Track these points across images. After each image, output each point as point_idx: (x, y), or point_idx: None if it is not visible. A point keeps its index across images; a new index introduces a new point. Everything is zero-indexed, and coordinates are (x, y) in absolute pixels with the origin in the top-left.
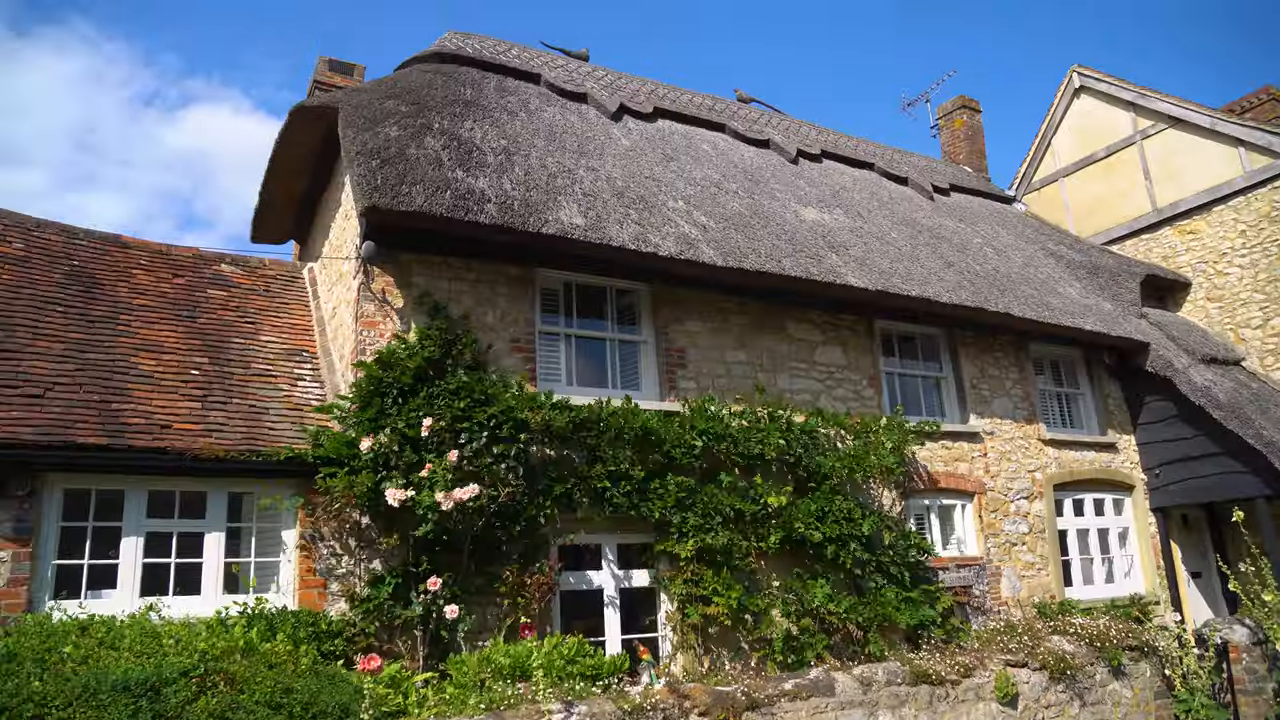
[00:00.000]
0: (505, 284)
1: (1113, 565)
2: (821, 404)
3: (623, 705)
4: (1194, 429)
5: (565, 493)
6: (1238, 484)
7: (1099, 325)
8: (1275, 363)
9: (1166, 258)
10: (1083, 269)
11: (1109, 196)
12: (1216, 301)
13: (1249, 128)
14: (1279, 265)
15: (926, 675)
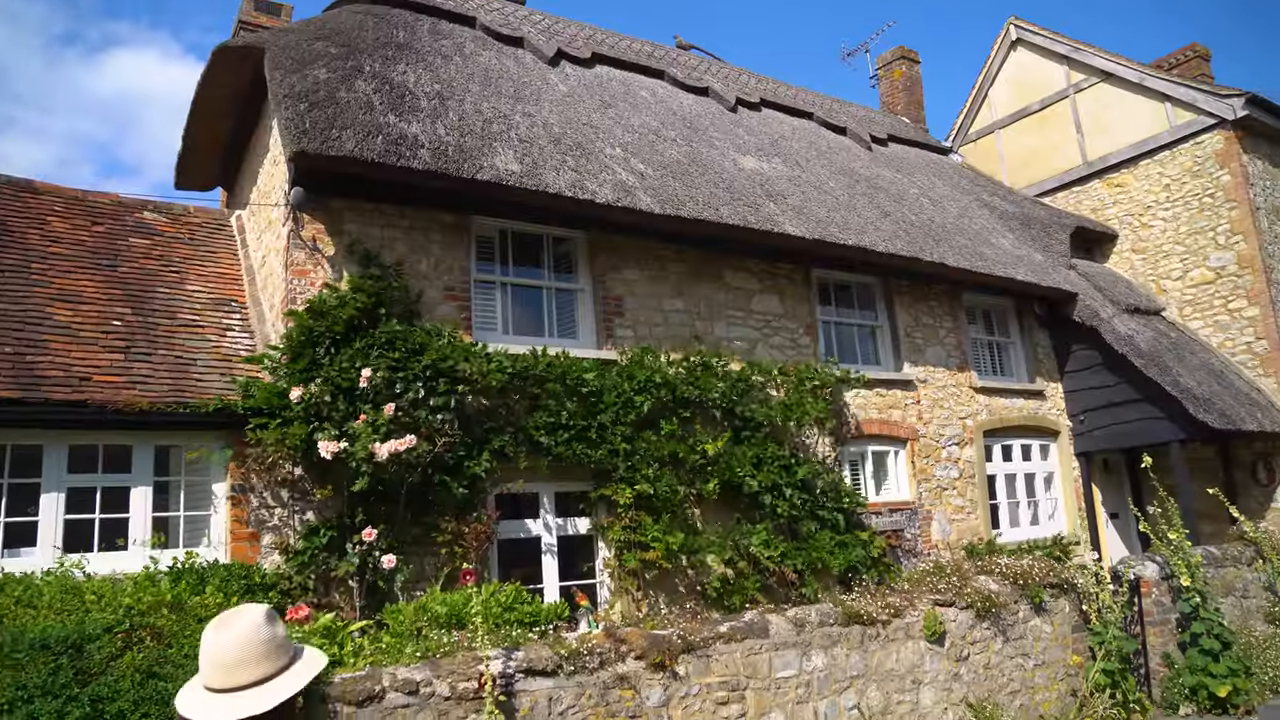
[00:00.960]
0: (439, 231)
1: (1038, 508)
2: (758, 352)
3: (560, 651)
4: (1117, 377)
5: (503, 443)
6: (1156, 429)
7: (1030, 276)
8: (1193, 313)
9: (1095, 210)
10: (1016, 220)
11: (1042, 149)
12: (1141, 253)
13: (1175, 84)
14: (1199, 219)
15: (858, 616)
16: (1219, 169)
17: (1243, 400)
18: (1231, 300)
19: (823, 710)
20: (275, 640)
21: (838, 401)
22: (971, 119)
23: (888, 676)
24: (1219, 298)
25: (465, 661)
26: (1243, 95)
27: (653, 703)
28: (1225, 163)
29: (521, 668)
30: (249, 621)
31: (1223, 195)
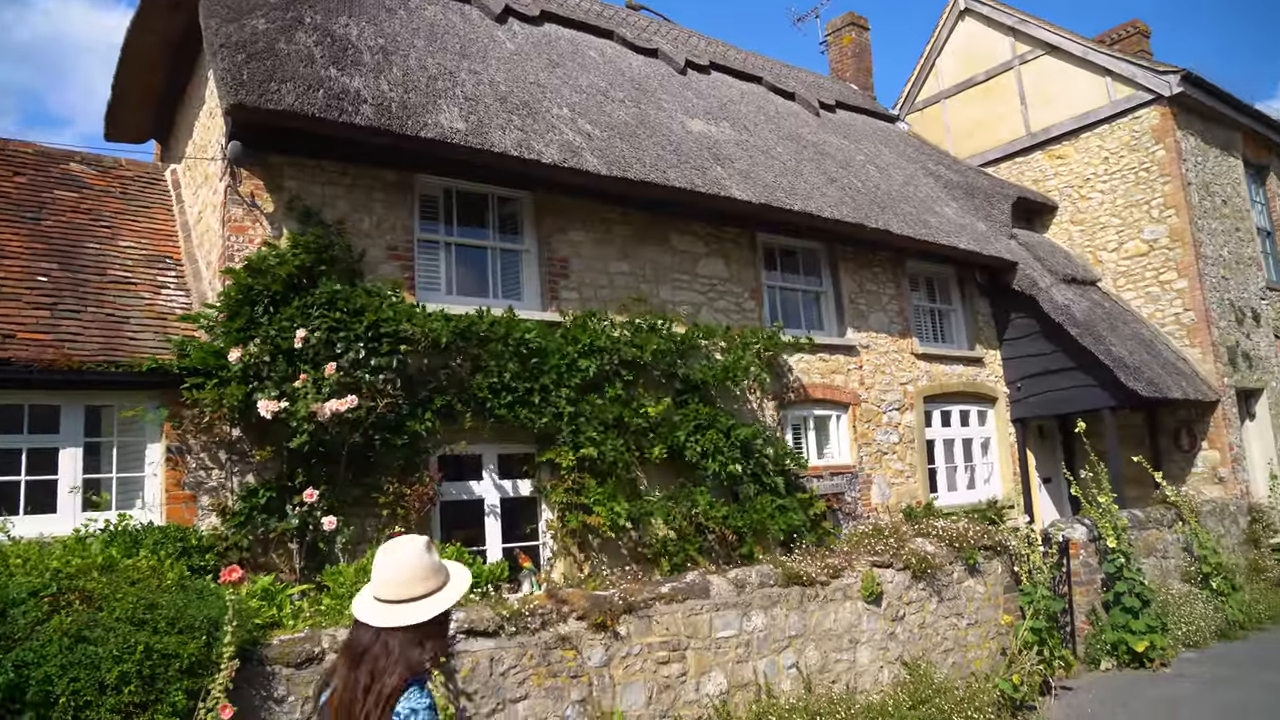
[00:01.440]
0: (382, 189)
1: (974, 473)
2: (703, 316)
3: (501, 611)
4: (1053, 345)
5: (446, 404)
6: (1088, 397)
7: (972, 244)
8: (1127, 284)
9: (1037, 181)
10: (959, 189)
11: (987, 119)
12: (1079, 224)
13: (1116, 58)
14: (1135, 192)
15: (798, 577)
16: (1155, 144)
17: (1170, 369)
18: (1163, 272)
19: (762, 669)
20: (433, 564)
21: (781, 366)
22: (919, 88)
23: (826, 636)
24: (1151, 270)
25: None
26: (1179, 72)
27: (594, 663)
28: (1161, 138)
29: (463, 628)
30: (414, 547)
31: (1157, 170)
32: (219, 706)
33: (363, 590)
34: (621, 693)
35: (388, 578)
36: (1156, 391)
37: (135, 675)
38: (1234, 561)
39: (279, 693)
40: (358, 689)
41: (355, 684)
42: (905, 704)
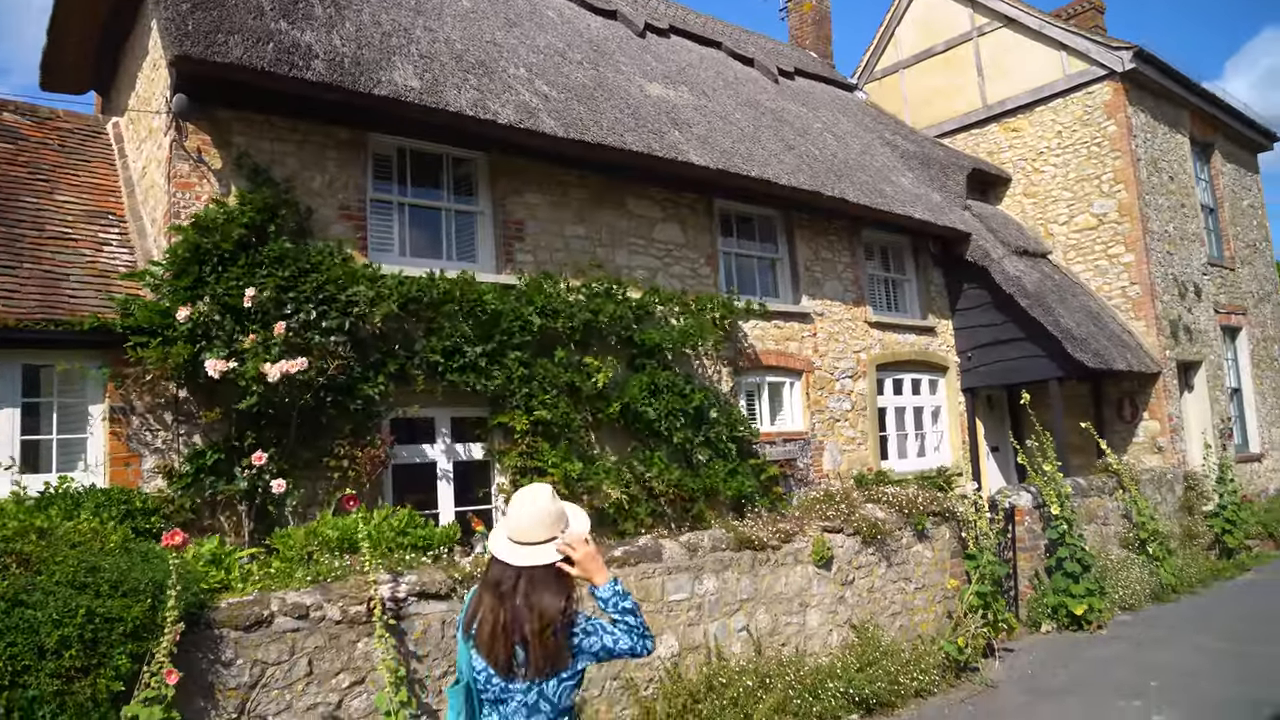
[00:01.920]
0: (334, 147)
1: (925, 440)
2: (659, 281)
3: (453, 574)
4: (1004, 316)
5: (398, 366)
6: (1037, 367)
7: (927, 215)
8: (1076, 257)
9: (992, 153)
10: (915, 159)
11: (945, 90)
12: (1032, 197)
13: (1071, 33)
14: (1086, 166)
15: (749, 541)
16: (1106, 119)
17: (1115, 341)
18: (1111, 246)
19: (713, 632)
20: (558, 510)
21: (736, 332)
22: (878, 57)
23: (776, 599)
24: (1100, 243)
25: (357, 585)
26: (1131, 49)
27: None
28: (1112, 113)
29: (414, 591)
30: (545, 497)
31: (1108, 145)
32: (164, 671)
33: (496, 532)
34: None
35: (525, 524)
36: (1102, 363)
37: (76, 639)
38: (1169, 528)
39: (226, 656)
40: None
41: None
42: (853, 666)
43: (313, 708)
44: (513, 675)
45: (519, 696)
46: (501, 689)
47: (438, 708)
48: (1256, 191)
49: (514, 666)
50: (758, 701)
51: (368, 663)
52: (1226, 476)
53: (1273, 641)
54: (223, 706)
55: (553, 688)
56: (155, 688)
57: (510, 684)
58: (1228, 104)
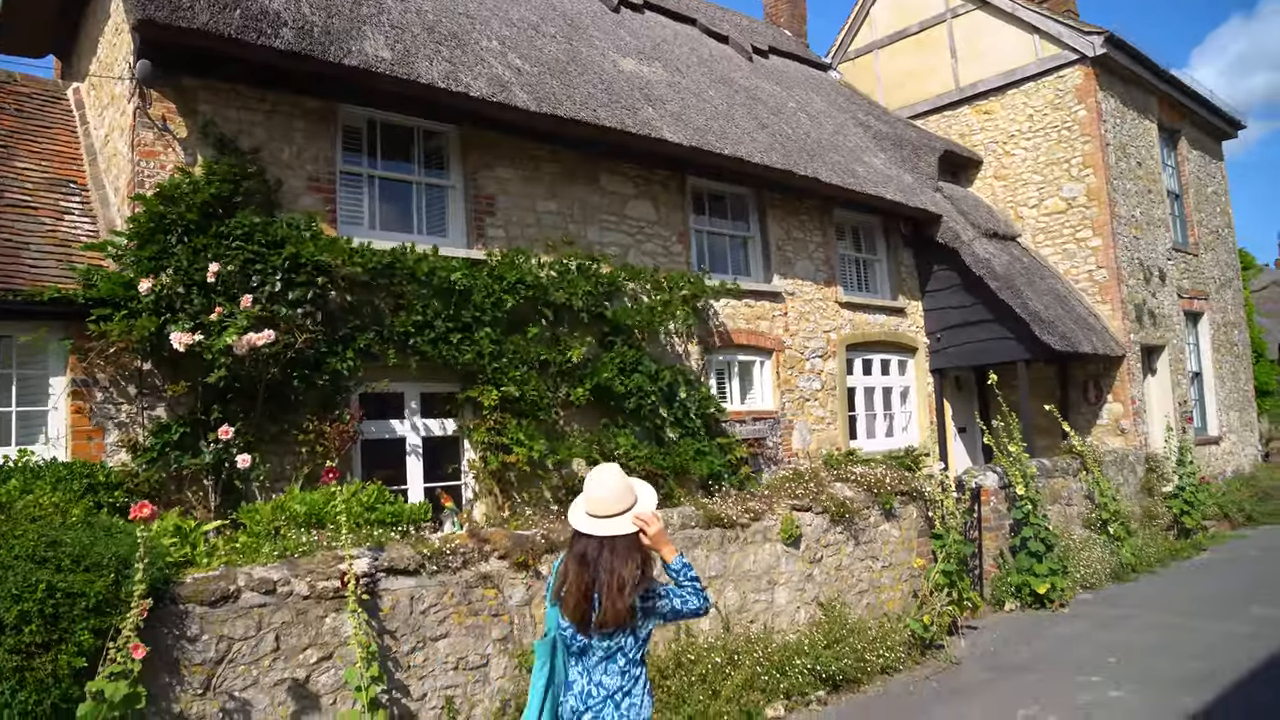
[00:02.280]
0: (303, 118)
1: (893, 421)
2: (630, 258)
3: (422, 550)
4: (973, 298)
5: (367, 341)
6: (1004, 349)
7: (899, 195)
8: (1045, 240)
9: (963, 135)
10: (888, 140)
11: (918, 71)
12: (1002, 180)
13: (1044, 17)
14: (1057, 150)
15: (719, 519)
16: (1077, 104)
17: (1081, 324)
18: (1079, 230)
19: None
20: (628, 485)
21: (707, 310)
22: (852, 37)
23: (745, 577)
24: (1068, 227)
25: (325, 561)
26: (1103, 34)
27: (515, 601)
28: (1083, 98)
29: (384, 567)
30: (615, 473)
31: (1078, 129)
32: (130, 645)
33: (575, 506)
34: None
35: (600, 497)
36: (1069, 345)
37: (37, 614)
38: (1130, 508)
39: (192, 631)
40: (601, 582)
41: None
42: (820, 643)
43: (280, 683)
44: (594, 632)
45: (599, 650)
46: (584, 644)
47: (407, 683)
48: (1220, 178)
49: (592, 620)
50: (726, 678)
51: (335, 638)
52: (1186, 459)
53: (1224, 618)
54: (188, 682)
55: (630, 644)
56: (121, 663)
57: (592, 640)
58: (1195, 91)
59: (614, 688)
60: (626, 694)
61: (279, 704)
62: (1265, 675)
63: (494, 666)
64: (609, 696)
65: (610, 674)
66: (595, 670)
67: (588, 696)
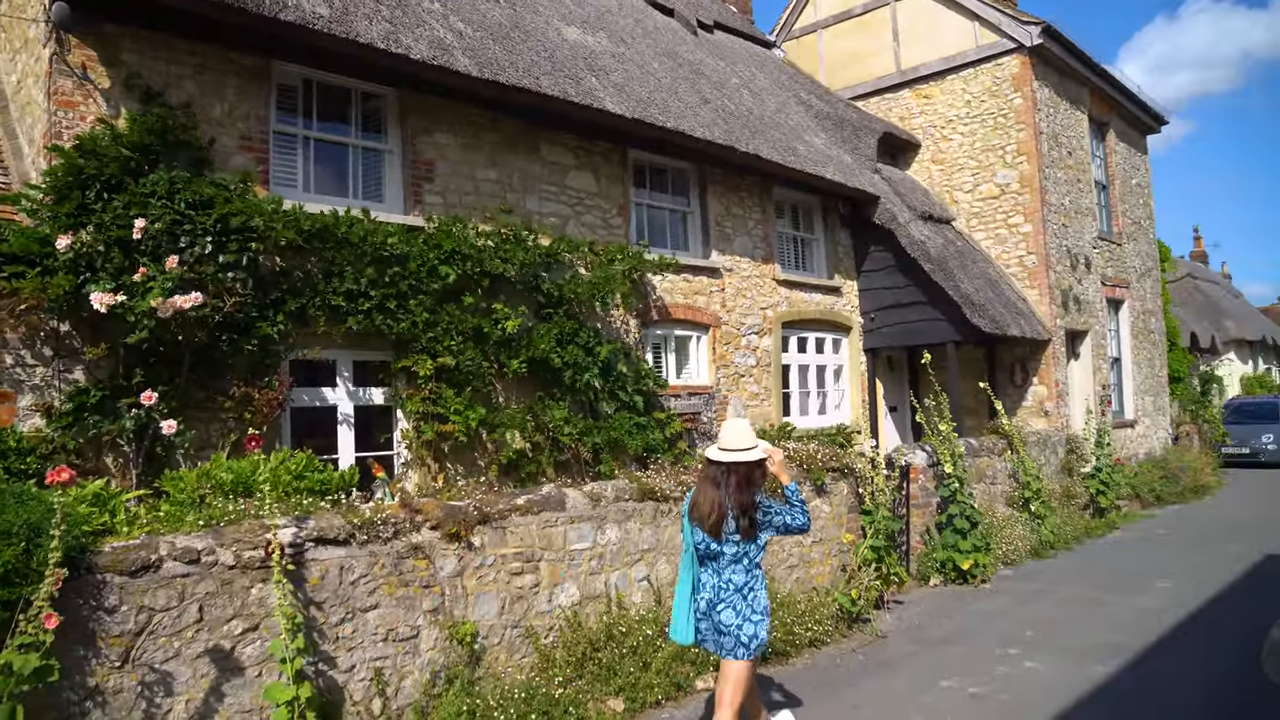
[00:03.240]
0: (236, 74)
1: (826, 398)
2: (570, 229)
3: (352, 520)
4: (908, 279)
5: (299, 306)
6: (936, 330)
7: (838, 175)
8: (979, 224)
9: (903, 118)
10: (829, 120)
11: (861, 53)
12: (939, 164)
13: (985, 4)
14: (992, 137)
15: (652, 492)
16: (1013, 92)
17: (1011, 308)
18: (1011, 216)
19: (614, 581)
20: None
21: (645, 284)
22: (797, 15)
23: (678, 550)
24: (1001, 212)
25: (252, 529)
26: (1040, 24)
27: (447, 573)
28: (1019, 87)
29: (312, 536)
30: (745, 423)
31: (1014, 117)
32: (42, 615)
33: (710, 448)
34: (474, 603)
35: (732, 438)
36: (998, 329)
37: None
38: (1051, 488)
39: (110, 602)
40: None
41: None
42: None
43: (203, 655)
44: (723, 540)
45: (728, 555)
46: (716, 550)
47: (335, 654)
48: (1144, 171)
49: (724, 534)
50: (657, 650)
51: (262, 609)
52: (1104, 441)
53: (1133, 593)
54: (105, 655)
55: (752, 549)
56: (32, 634)
57: (721, 547)
58: (1124, 85)
59: (740, 584)
60: (750, 589)
61: (202, 676)
62: (1168, 645)
63: (425, 638)
64: (738, 590)
65: (737, 573)
66: (724, 571)
67: (720, 590)
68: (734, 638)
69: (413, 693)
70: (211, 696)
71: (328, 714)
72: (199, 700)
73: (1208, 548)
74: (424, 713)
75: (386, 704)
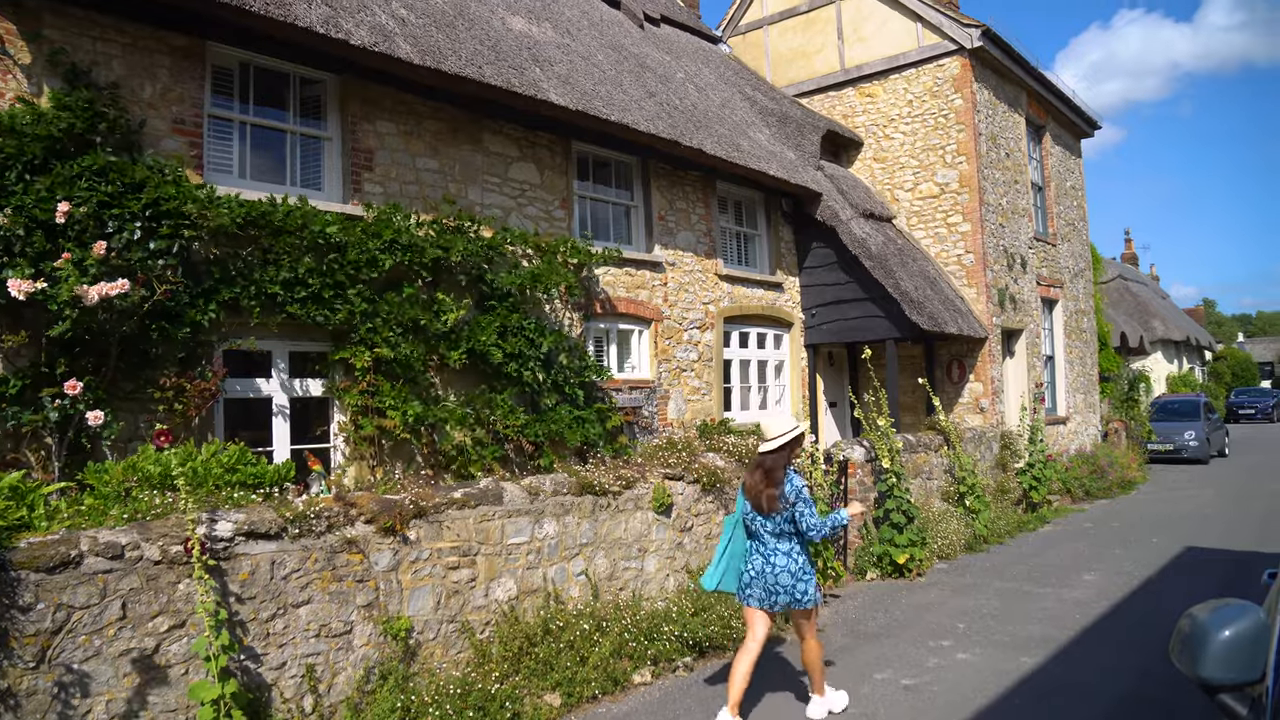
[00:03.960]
0: (168, 55)
1: (767, 393)
2: (512, 221)
3: (285, 513)
4: (849, 276)
5: (233, 295)
6: (877, 327)
7: (781, 172)
8: (918, 223)
9: (846, 116)
10: (774, 117)
11: (806, 50)
12: (881, 162)
13: (927, 6)
14: (933, 136)
15: (591, 486)
16: (954, 93)
17: (949, 306)
18: (950, 215)
19: (552, 575)
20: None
21: (588, 277)
22: (743, 11)
23: (616, 544)
24: (940, 211)
25: (179, 524)
26: (981, 27)
27: (382, 567)
28: (960, 88)
29: (242, 530)
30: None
31: (954, 118)
32: None
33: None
34: (410, 598)
35: (770, 427)
36: (936, 326)
37: None
38: (986, 483)
39: (25, 600)
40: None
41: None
42: (688, 610)
43: (126, 653)
44: (762, 511)
45: (770, 525)
46: (761, 521)
47: (265, 651)
48: (1078, 174)
49: (762, 507)
50: (594, 645)
51: (190, 605)
52: (1037, 437)
53: (1061, 585)
54: (19, 655)
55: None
56: None
57: (765, 518)
58: (1060, 90)
59: (784, 550)
60: (788, 555)
61: (123, 675)
62: (1093, 636)
63: (358, 634)
64: (785, 554)
65: (780, 540)
66: (767, 538)
67: (768, 554)
68: (789, 594)
69: (346, 689)
70: (134, 696)
71: (257, 712)
72: (121, 700)
73: (1132, 541)
74: (358, 709)
75: (319, 701)
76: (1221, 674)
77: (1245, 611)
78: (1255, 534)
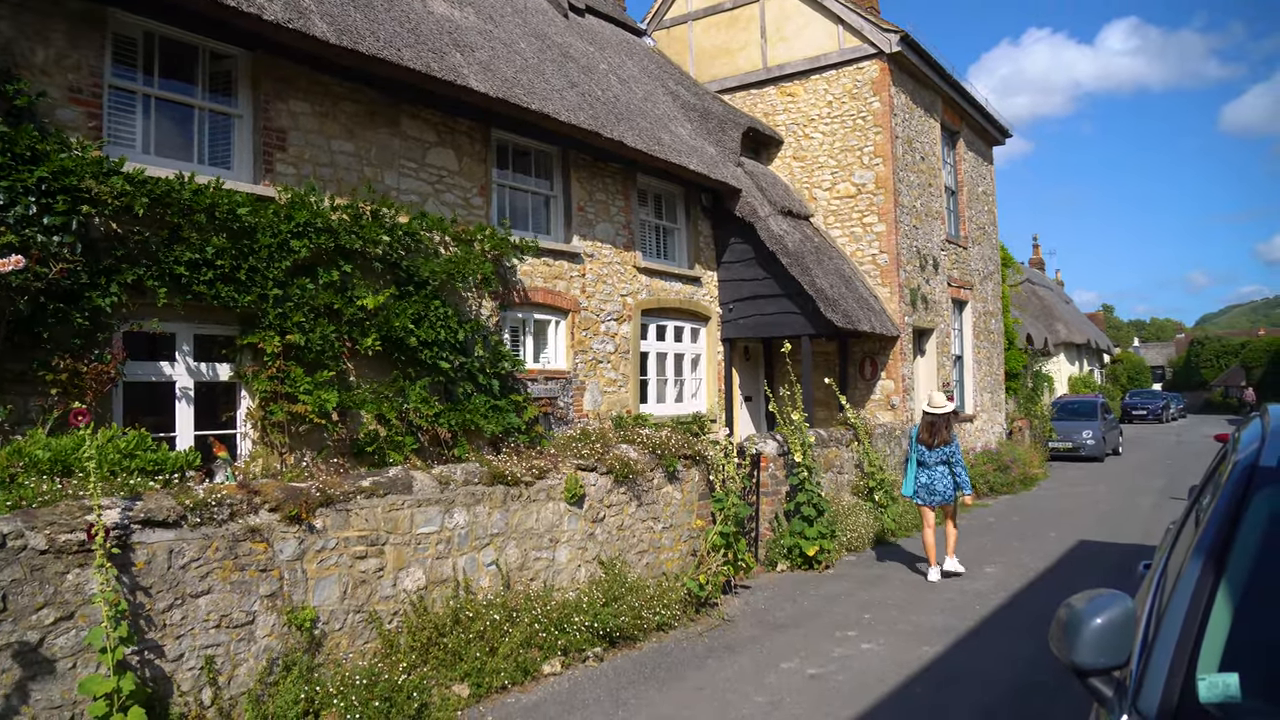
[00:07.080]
0: (64, 19)
1: (684, 387)
2: (429, 207)
3: (185, 501)
4: (766, 272)
5: (136, 276)
6: (792, 323)
7: (701, 167)
8: (835, 222)
9: (768, 114)
10: (695, 112)
11: (729, 47)
12: (800, 161)
13: (848, 9)
14: (852, 137)
15: (503, 476)
16: (872, 96)
17: (863, 305)
18: (866, 215)
19: (462, 565)
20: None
21: (506, 266)
22: (669, 5)
23: (528, 535)
24: (857, 211)
25: (69, 511)
26: (900, 33)
27: (286, 556)
28: (878, 91)
29: (139, 518)
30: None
31: (872, 120)
32: None
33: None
34: (315, 587)
35: (938, 402)
36: (850, 324)
37: None
38: (894, 478)
39: None
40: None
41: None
42: (599, 601)
43: (6, 647)
44: (930, 446)
45: (937, 456)
46: (929, 455)
47: (162, 643)
48: (990, 180)
49: (934, 444)
50: (504, 635)
51: (78, 596)
52: None
53: (964, 577)
54: None
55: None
56: None
57: (933, 451)
58: (974, 98)
59: (940, 473)
60: (943, 476)
61: (3, 671)
62: (991, 625)
63: (260, 624)
64: (941, 475)
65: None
66: (934, 466)
67: (933, 476)
68: (943, 496)
69: (248, 681)
70: (14, 693)
71: (153, 706)
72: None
73: (1031, 535)
74: (259, 701)
75: (218, 693)
76: (1092, 659)
77: (1116, 600)
78: (1141, 528)
